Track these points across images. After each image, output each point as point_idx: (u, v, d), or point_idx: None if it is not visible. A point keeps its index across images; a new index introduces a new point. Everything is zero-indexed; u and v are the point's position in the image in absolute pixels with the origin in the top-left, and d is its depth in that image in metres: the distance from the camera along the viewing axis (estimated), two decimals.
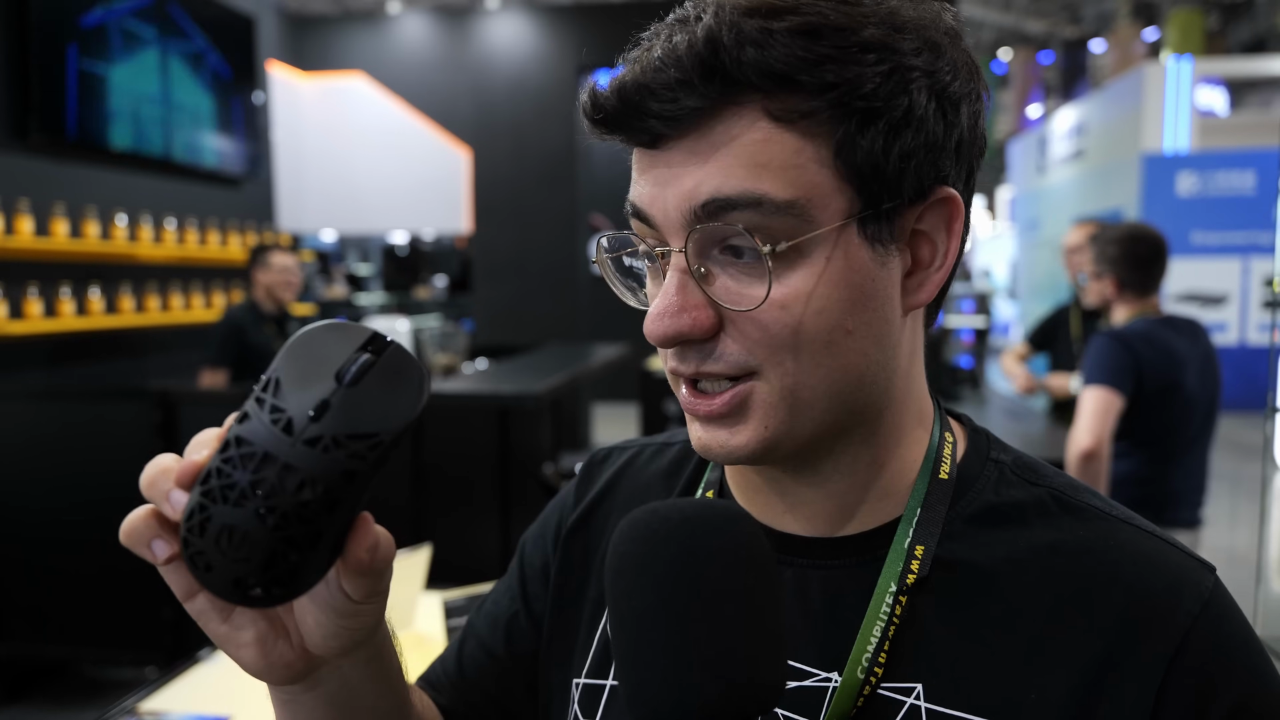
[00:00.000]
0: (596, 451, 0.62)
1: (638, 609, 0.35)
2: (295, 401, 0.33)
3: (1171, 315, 2.01)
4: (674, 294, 0.41)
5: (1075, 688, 0.40)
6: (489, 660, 0.58)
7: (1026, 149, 10.30)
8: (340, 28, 6.98)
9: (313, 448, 0.32)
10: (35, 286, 3.10)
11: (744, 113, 0.39)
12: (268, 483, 0.32)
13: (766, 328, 0.41)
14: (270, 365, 0.35)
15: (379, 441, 0.33)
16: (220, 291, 4.14)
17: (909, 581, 0.44)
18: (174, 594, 0.39)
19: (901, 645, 0.43)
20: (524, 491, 2.90)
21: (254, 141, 4.34)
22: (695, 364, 0.42)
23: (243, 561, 0.32)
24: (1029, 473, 0.48)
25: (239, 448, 0.32)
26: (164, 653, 2.70)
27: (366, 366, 0.34)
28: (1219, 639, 0.41)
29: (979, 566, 0.44)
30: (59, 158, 3.25)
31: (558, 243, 6.86)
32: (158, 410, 2.75)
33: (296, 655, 0.40)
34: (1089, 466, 1.81)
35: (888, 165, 0.40)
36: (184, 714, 1.05)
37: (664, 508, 0.37)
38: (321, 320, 0.36)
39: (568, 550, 0.57)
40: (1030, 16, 11.65)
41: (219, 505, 0.32)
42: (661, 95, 0.39)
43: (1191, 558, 0.44)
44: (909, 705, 0.42)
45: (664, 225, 0.42)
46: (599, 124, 0.42)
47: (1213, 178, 7.21)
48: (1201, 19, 10.20)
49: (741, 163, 0.39)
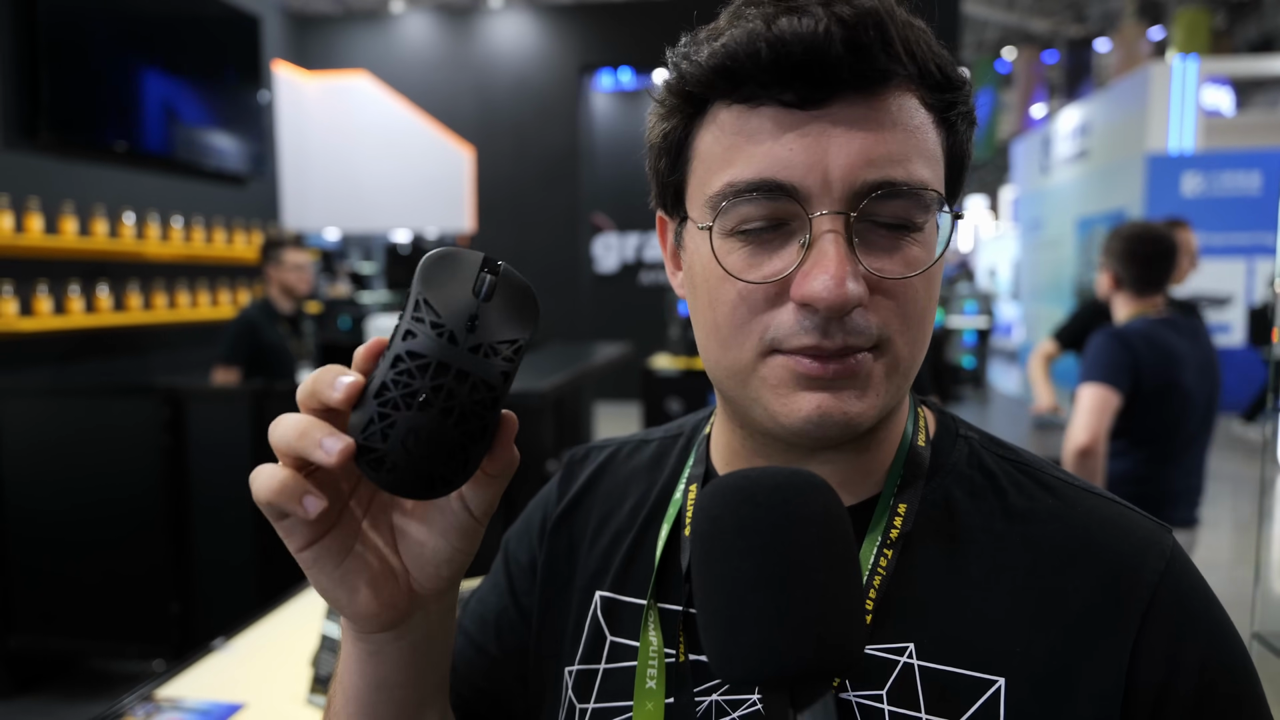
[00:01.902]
0: (576, 450, 0.63)
1: (733, 573, 0.36)
2: (450, 317, 0.37)
3: (1173, 315, 2.02)
4: (841, 259, 0.41)
5: (1057, 642, 0.43)
6: (478, 655, 0.59)
7: (1030, 149, 10.29)
8: (344, 27, 7.00)
9: (476, 354, 0.37)
10: (44, 284, 3.13)
11: (904, 92, 0.42)
12: (446, 387, 0.37)
13: (906, 299, 0.43)
14: (411, 290, 0.38)
15: (521, 344, 0.38)
16: (226, 289, 4.16)
17: (893, 536, 0.46)
18: (283, 549, 0.41)
19: (891, 606, 0.45)
20: (526, 489, 2.92)
21: (259, 141, 4.37)
22: (843, 338, 0.42)
23: (428, 458, 0.37)
24: (996, 447, 0.51)
25: (412, 360, 0.37)
26: (171, 646, 2.72)
27: (494, 284, 0.39)
28: (1181, 594, 0.44)
29: (959, 531, 0.47)
30: (68, 157, 3.28)
31: (560, 241, 6.88)
32: (165, 407, 2.77)
33: (404, 595, 0.43)
34: (1085, 463, 1.82)
35: (965, 165, 0.46)
36: (199, 701, 1.07)
37: (755, 473, 0.38)
38: (437, 249, 0.39)
39: (553, 544, 0.58)
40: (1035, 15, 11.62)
41: (403, 411, 0.36)
42: (864, 53, 0.40)
43: (1150, 520, 0.47)
44: (902, 664, 0.44)
45: (819, 189, 0.41)
46: (773, 71, 0.40)
47: (1218, 178, 7.19)
48: (1208, 18, 10.17)
49: (909, 147, 0.42)
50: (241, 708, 1.08)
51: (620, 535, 0.55)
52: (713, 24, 0.44)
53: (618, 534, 0.56)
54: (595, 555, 0.56)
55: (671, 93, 0.44)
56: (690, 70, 0.43)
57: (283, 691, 1.11)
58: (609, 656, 0.52)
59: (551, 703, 0.54)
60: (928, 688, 0.43)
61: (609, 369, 4.12)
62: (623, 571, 0.54)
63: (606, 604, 0.54)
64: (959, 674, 0.43)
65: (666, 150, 0.46)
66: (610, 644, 0.52)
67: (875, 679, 0.44)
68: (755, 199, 0.41)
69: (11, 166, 3.03)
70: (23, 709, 2.75)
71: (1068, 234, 8.68)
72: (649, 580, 0.52)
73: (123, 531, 2.76)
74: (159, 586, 2.72)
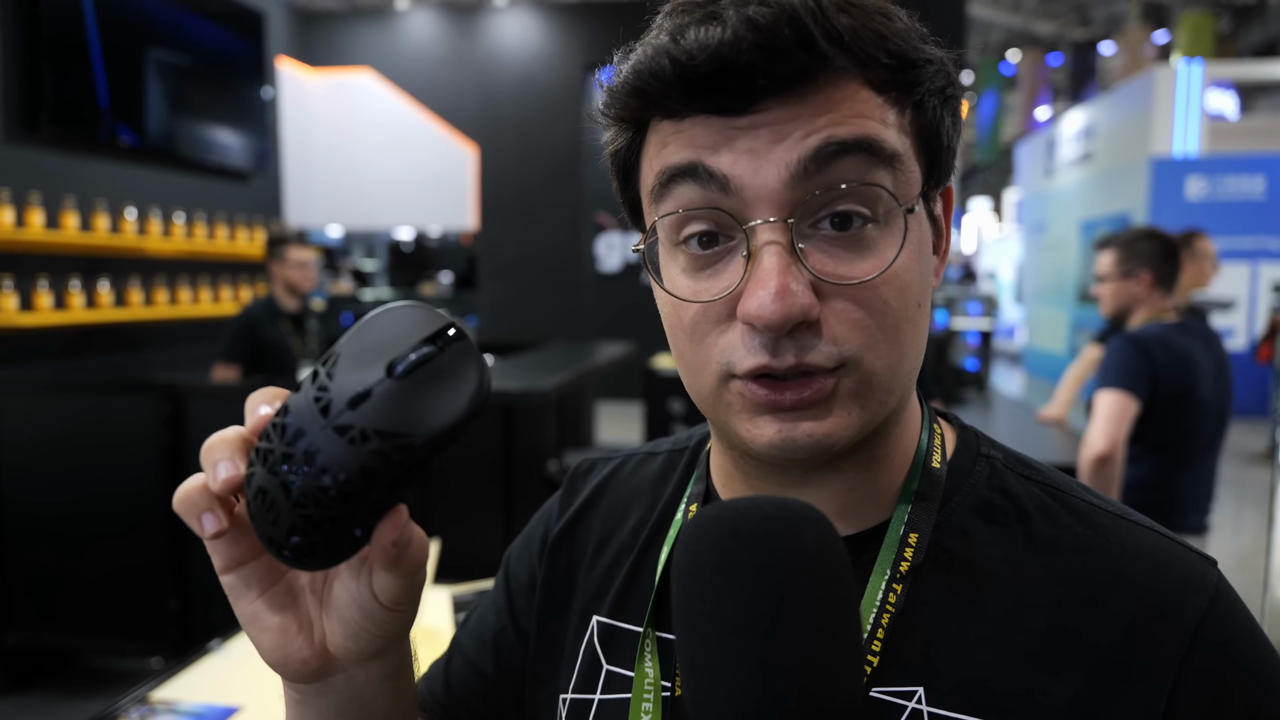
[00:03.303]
0: (581, 463, 0.60)
1: (712, 616, 0.33)
2: (341, 384, 0.32)
3: (1186, 320, 2.00)
4: (781, 271, 0.37)
5: (1083, 688, 0.39)
6: (476, 678, 0.57)
7: (1034, 151, 10.27)
8: (349, 24, 6.99)
9: (340, 436, 0.32)
10: (45, 279, 3.11)
11: (842, 80, 0.39)
12: (294, 459, 0.32)
13: (865, 304, 0.39)
14: (341, 339, 0.34)
15: (407, 444, 0.32)
16: (228, 286, 4.15)
17: (903, 569, 0.43)
18: (214, 567, 0.39)
19: (899, 643, 0.42)
20: (528, 488, 2.90)
21: (263, 137, 4.35)
22: (794, 355, 0.39)
23: (271, 524, 0.33)
24: (1022, 468, 0.47)
25: (284, 416, 0.33)
26: (169, 644, 2.71)
27: (422, 361, 0.32)
28: (1227, 635, 0.40)
29: (976, 564, 0.43)
30: (69, 151, 3.26)
31: (563, 240, 6.87)
32: (165, 404, 2.76)
33: (314, 653, 0.40)
34: (1103, 470, 1.80)
35: (945, 143, 0.42)
36: (194, 703, 1.06)
37: (742, 505, 0.35)
38: (403, 302, 0.35)
39: (553, 562, 0.55)
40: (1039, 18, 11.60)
41: (257, 466, 0.33)
42: (776, 55, 0.37)
43: (1193, 552, 0.43)
44: (910, 710, 0.40)
45: (754, 193, 0.38)
46: (680, 87, 0.38)
47: (1222, 182, 7.17)
48: (1212, 22, 10.15)
49: (855, 113, 0.38)
50: (237, 710, 1.06)
51: (621, 556, 0.53)
52: (640, 37, 0.41)
53: (618, 555, 0.53)
54: (595, 577, 0.53)
55: (604, 116, 0.43)
56: (609, 94, 0.41)
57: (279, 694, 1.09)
58: (604, 687, 0.49)
59: None
60: None
61: (611, 368, 4.10)
62: (622, 595, 0.51)
63: (604, 630, 0.51)
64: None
65: (617, 171, 0.45)
66: (606, 673, 0.49)
67: None
68: (688, 183, 0.39)
69: (13, 160, 3.02)
70: (20, 706, 2.74)
71: (1071, 237, 8.67)
72: (648, 606, 0.49)
73: (122, 528, 2.75)
74: (157, 583, 2.71)
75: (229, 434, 0.37)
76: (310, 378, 0.34)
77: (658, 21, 0.41)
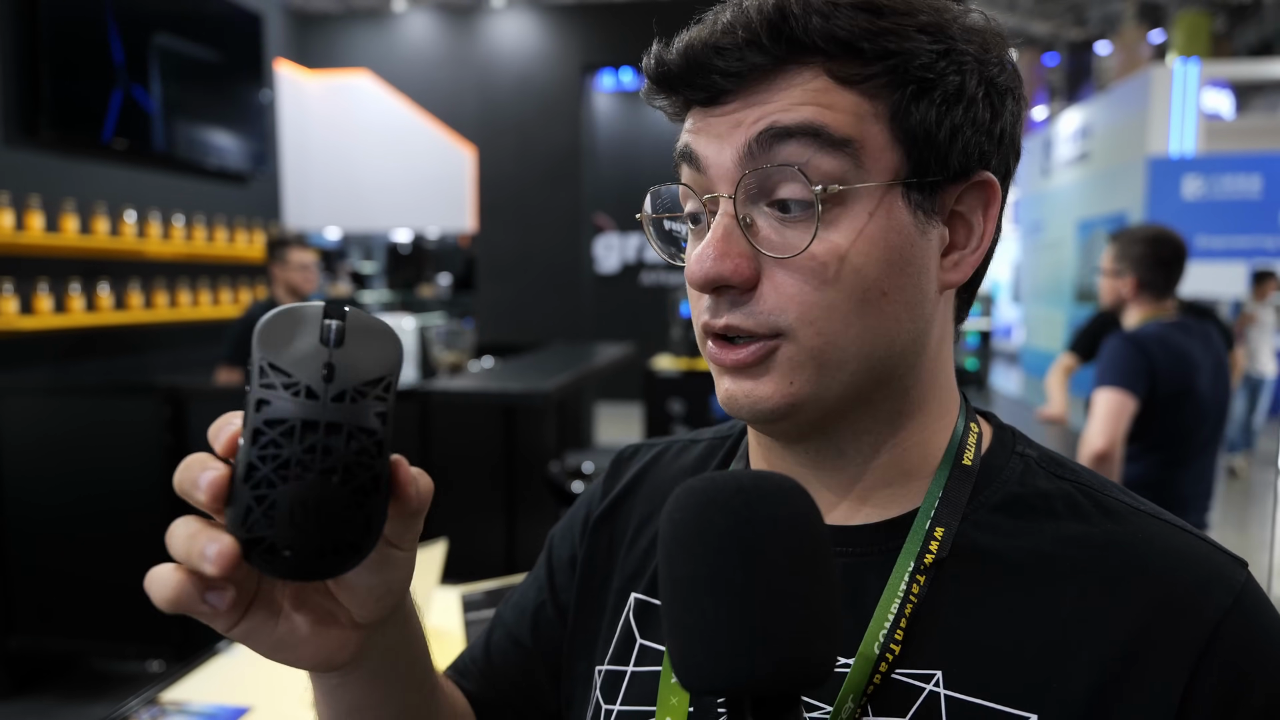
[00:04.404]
0: (625, 448, 0.63)
1: (690, 577, 0.35)
2: (302, 372, 0.34)
3: (1184, 319, 2.01)
4: (720, 239, 0.42)
5: (1098, 679, 0.40)
6: (515, 649, 0.60)
7: (1031, 151, 10.30)
8: (346, 26, 6.99)
9: (342, 402, 0.34)
10: (45, 283, 3.11)
11: (804, 72, 0.42)
12: (320, 445, 0.33)
13: (805, 280, 0.42)
14: (252, 359, 0.34)
15: (389, 381, 0.35)
16: (227, 288, 4.15)
17: (927, 561, 0.44)
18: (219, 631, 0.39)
19: (921, 630, 0.43)
20: (529, 489, 2.91)
21: (261, 139, 4.35)
22: (726, 316, 0.43)
23: (323, 528, 0.33)
24: (1056, 467, 0.47)
25: (274, 429, 0.33)
26: (172, 647, 2.71)
27: (341, 329, 0.36)
28: (1251, 634, 0.40)
29: (1002, 556, 0.44)
30: (69, 154, 3.26)
31: (562, 242, 6.87)
32: (166, 406, 2.76)
33: (349, 635, 0.41)
34: (1101, 469, 1.81)
35: (938, 135, 0.42)
36: (205, 704, 1.06)
37: (720, 477, 0.37)
38: (272, 310, 0.36)
39: (594, 541, 0.58)
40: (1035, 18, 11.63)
41: (280, 487, 0.32)
42: (728, 54, 0.42)
43: (1222, 552, 0.43)
44: (928, 692, 0.42)
45: (716, 171, 0.43)
46: (660, 81, 0.44)
47: (1219, 181, 7.20)
48: (1208, 21, 10.18)
49: (803, 101, 0.41)
50: (248, 711, 1.07)
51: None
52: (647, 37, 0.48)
53: (656, 536, 0.55)
54: (634, 556, 0.55)
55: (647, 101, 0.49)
56: (643, 93, 0.48)
57: (289, 694, 1.10)
58: (638, 659, 0.51)
59: (580, 701, 0.54)
60: (954, 719, 0.41)
61: (611, 370, 4.11)
62: (658, 574, 0.53)
63: (640, 606, 0.53)
64: (988, 707, 0.41)
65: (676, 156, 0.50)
66: (640, 647, 0.52)
67: (898, 705, 0.42)
68: (686, 165, 0.45)
69: (12, 164, 3.02)
70: (22, 709, 2.73)
71: (1068, 236, 8.69)
72: None
73: (124, 530, 2.74)
74: None
75: (189, 519, 0.35)
76: (263, 390, 0.33)
77: None
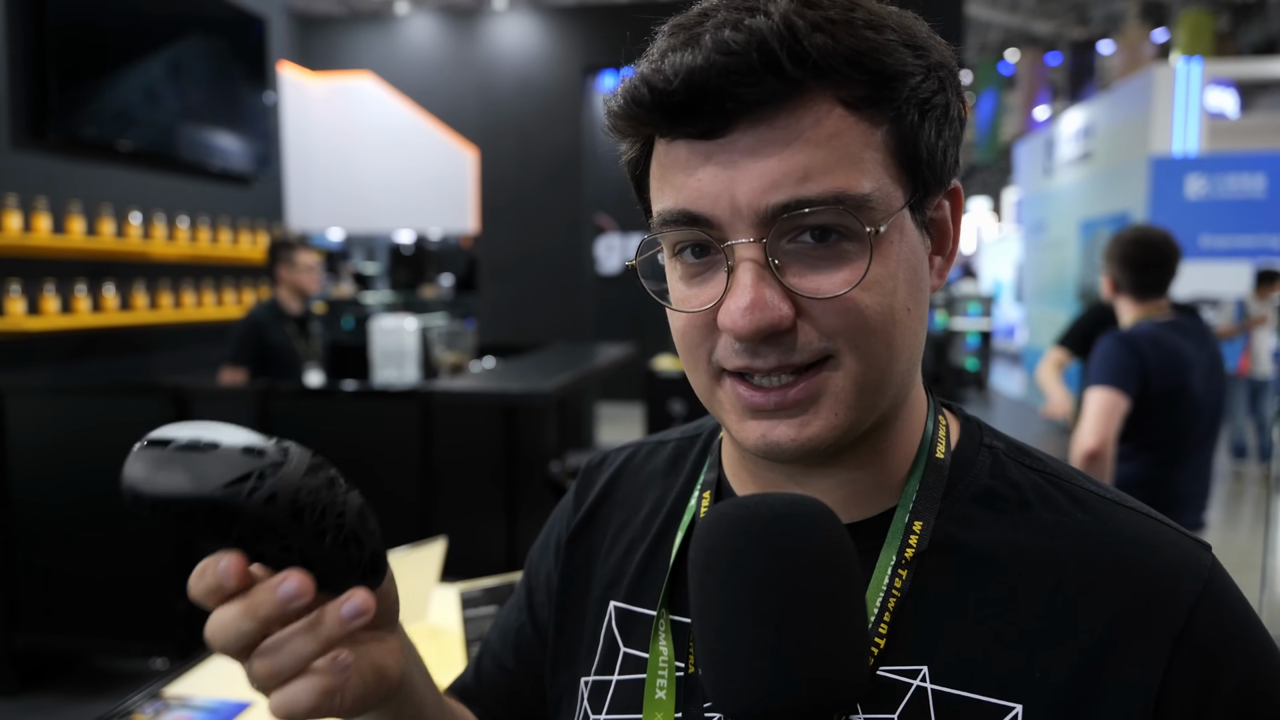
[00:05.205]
0: (593, 456, 0.63)
1: (726, 607, 0.35)
2: (235, 481, 0.36)
3: (1179, 318, 2.02)
4: (755, 286, 0.40)
5: (1078, 666, 0.41)
6: (500, 672, 0.60)
7: (1033, 151, 10.27)
8: (348, 28, 7.02)
9: (308, 472, 0.39)
10: (51, 284, 3.14)
11: (817, 101, 0.39)
12: (335, 503, 0.39)
13: (847, 313, 0.41)
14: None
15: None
16: (231, 289, 4.17)
17: (907, 555, 0.44)
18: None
19: (904, 625, 0.43)
20: (530, 489, 2.92)
21: (264, 141, 4.38)
22: (777, 358, 0.41)
23: (361, 549, 0.40)
24: (1023, 457, 0.48)
25: (332, 490, 0.39)
26: (175, 645, 2.73)
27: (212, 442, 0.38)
28: (1220, 617, 0.41)
29: (978, 548, 0.44)
30: (75, 157, 3.29)
31: (563, 243, 6.88)
32: (171, 406, 2.78)
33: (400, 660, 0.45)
34: (1093, 467, 1.82)
35: (936, 156, 0.43)
36: (207, 699, 1.08)
37: (753, 503, 0.37)
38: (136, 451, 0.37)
39: (570, 556, 0.58)
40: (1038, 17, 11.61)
41: (344, 517, 0.39)
42: (744, 79, 0.38)
43: (1188, 537, 0.44)
44: (915, 687, 0.42)
45: (730, 219, 0.40)
46: (657, 111, 0.40)
47: (1222, 180, 7.17)
48: (1212, 20, 10.15)
49: (818, 159, 0.39)
50: (249, 706, 1.09)
51: (635, 544, 0.55)
52: (642, 44, 0.44)
53: (632, 542, 0.55)
54: (611, 564, 0.56)
55: (610, 131, 0.45)
56: (607, 113, 0.44)
57: None
58: (622, 668, 0.52)
59: (567, 712, 0.54)
60: (940, 713, 0.41)
61: (612, 370, 4.12)
62: (637, 582, 0.53)
63: (621, 615, 0.53)
64: (974, 699, 0.41)
65: (632, 180, 0.48)
66: (623, 655, 0.52)
67: (886, 703, 0.42)
68: (679, 228, 0.42)
69: (19, 166, 3.05)
70: (27, 707, 2.76)
71: (1071, 236, 8.67)
72: (661, 590, 0.52)
73: (128, 530, 2.77)
74: (164, 585, 2.73)
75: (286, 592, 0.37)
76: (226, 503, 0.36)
77: (655, 42, 0.43)
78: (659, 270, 0.46)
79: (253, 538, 0.36)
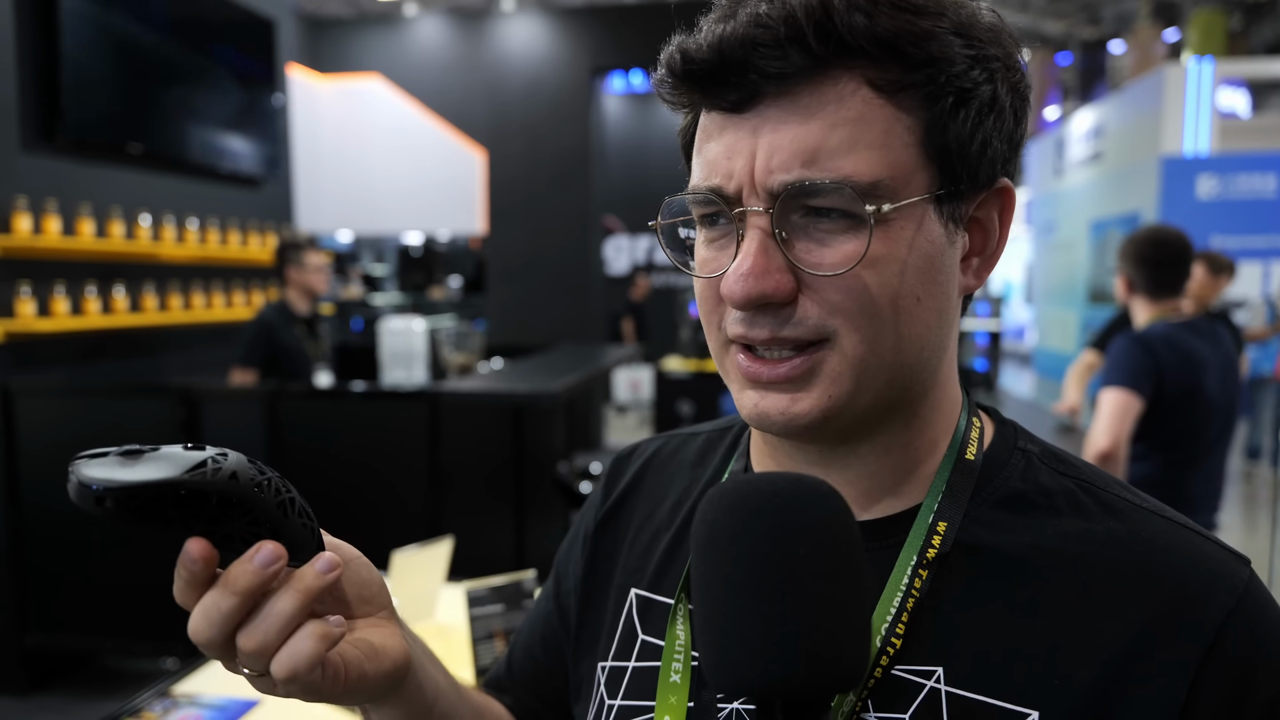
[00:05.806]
0: (624, 449, 0.63)
1: (725, 580, 0.35)
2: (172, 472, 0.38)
3: (1194, 319, 2.00)
4: (757, 255, 0.40)
5: (1101, 677, 0.39)
6: (531, 663, 0.61)
7: (1043, 151, 10.22)
8: (357, 30, 7.05)
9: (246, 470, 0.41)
10: (62, 285, 3.16)
11: (844, 80, 0.39)
12: (270, 485, 0.41)
13: (848, 291, 0.40)
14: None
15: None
16: (240, 291, 4.19)
17: (929, 556, 0.43)
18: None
19: (922, 626, 0.43)
20: (538, 489, 2.92)
21: (273, 143, 4.40)
22: (770, 329, 0.41)
23: (308, 518, 0.42)
24: (1057, 463, 0.47)
25: (270, 473, 0.41)
26: (183, 644, 2.74)
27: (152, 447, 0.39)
28: (1256, 632, 0.40)
29: (1004, 552, 0.44)
30: (85, 159, 3.31)
31: (571, 244, 6.89)
32: (181, 407, 2.79)
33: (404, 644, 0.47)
34: (1105, 468, 1.80)
35: (970, 149, 0.41)
36: (215, 697, 1.08)
37: (755, 479, 0.37)
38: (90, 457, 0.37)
39: (596, 544, 0.58)
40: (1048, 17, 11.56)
41: (292, 492, 0.41)
42: (769, 52, 0.38)
43: (1225, 550, 0.43)
44: (929, 688, 0.41)
45: (745, 188, 0.41)
46: (685, 78, 0.41)
47: (1233, 181, 7.12)
48: (1223, 20, 10.08)
49: (834, 140, 0.39)
50: (257, 704, 1.08)
51: (659, 534, 0.55)
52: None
53: (657, 532, 0.55)
54: (635, 553, 0.56)
55: (661, 100, 0.46)
56: (653, 82, 0.45)
57: None
58: (639, 655, 0.52)
59: (586, 697, 0.55)
60: (953, 716, 0.41)
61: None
62: (660, 570, 0.53)
63: (641, 602, 0.54)
64: (989, 703, 0.40)
65: (683, 149, 0.48)
66: (641, 642, 0.52)
67: (899, 702, 0.41)
68: (701, 194, 0.43)
69: (30, 169, 3.07)
70: (38, 706, 2.77)
71: (1081, 236, 8.62)
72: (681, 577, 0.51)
73: (137, 531, 2.78)
74: (171, 585, 2.74)
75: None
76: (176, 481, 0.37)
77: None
78: (679, 241, 0.47)
79: (222, 516, 0.37)
